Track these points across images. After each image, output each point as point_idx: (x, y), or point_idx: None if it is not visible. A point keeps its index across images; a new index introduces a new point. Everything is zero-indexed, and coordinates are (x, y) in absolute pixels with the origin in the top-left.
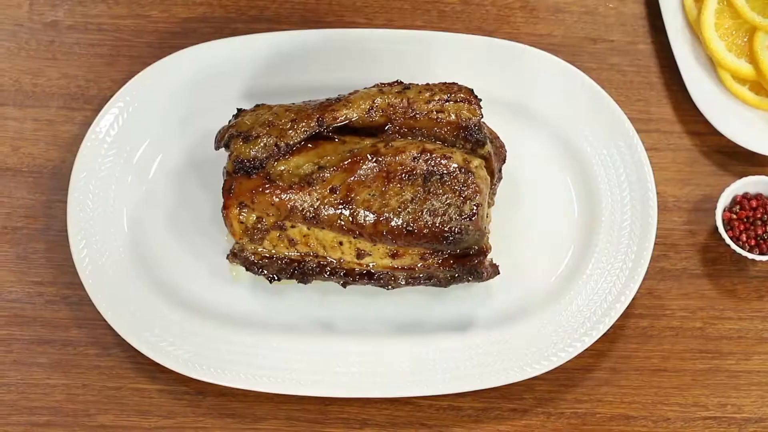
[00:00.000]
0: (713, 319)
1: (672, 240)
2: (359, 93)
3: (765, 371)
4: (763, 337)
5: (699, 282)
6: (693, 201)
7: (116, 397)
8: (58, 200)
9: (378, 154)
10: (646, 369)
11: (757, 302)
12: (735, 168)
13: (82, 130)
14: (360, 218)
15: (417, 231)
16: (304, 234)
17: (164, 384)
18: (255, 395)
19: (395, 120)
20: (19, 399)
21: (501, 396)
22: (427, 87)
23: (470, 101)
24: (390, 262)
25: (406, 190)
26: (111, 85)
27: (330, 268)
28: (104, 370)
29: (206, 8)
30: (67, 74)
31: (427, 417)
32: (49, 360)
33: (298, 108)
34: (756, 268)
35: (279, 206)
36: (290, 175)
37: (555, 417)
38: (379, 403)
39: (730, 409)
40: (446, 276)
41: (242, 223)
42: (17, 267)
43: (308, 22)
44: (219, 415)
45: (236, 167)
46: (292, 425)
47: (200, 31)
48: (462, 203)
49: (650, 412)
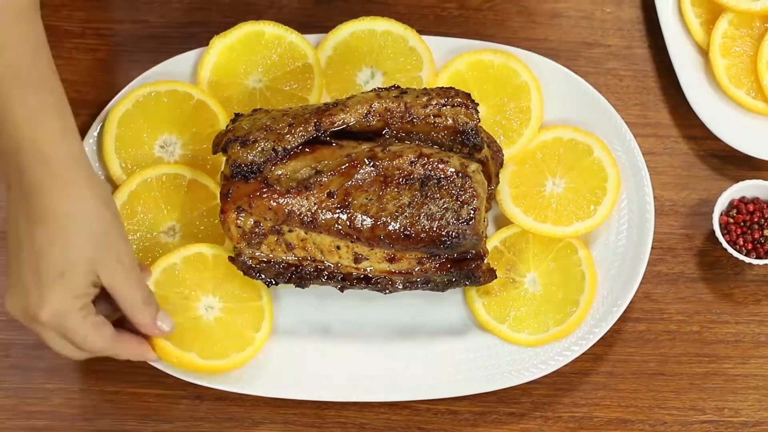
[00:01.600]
0: (710, 323)
1: (669, 244)
2: (356, 97)
3: (762, 375)
4: (760, 341)
5: (696, 286)
6: (690, 205)
7: (114, 401)
8: None
9: (375, 158)
10: (643, 373)
11: (754, 306)
12: (732, 172)
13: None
14: (357, 222)
15: (414, 235)
16: (302, 238)
17: (162, 388)
18: (252, 399)
19: (392, 124)
20: (17, 403)
21: (498, 400)
22: (425, 91)
23: (467, 105)
24: (387, 266)
25: (403, 194)
26: (109, 91)
27: (327, 273)
28: (102, 374)
29: (204, 13)
30: (65, 79)
31: (425, 421)
32: (47, 364)
33: (296, 112)
34: (753, 271)
35: (276, 210)
36: (288, 179)
37: (552, 421)
38: (377, 407)
39: (728, 413)
40: (443, 280)
41: (240, 227)
42: None
43: (306, 27)
44: (216, 419)
45: (234, 172)
46: (289, 430)
47: (198, 36)
48: (459, 207)
49: (647, 416)
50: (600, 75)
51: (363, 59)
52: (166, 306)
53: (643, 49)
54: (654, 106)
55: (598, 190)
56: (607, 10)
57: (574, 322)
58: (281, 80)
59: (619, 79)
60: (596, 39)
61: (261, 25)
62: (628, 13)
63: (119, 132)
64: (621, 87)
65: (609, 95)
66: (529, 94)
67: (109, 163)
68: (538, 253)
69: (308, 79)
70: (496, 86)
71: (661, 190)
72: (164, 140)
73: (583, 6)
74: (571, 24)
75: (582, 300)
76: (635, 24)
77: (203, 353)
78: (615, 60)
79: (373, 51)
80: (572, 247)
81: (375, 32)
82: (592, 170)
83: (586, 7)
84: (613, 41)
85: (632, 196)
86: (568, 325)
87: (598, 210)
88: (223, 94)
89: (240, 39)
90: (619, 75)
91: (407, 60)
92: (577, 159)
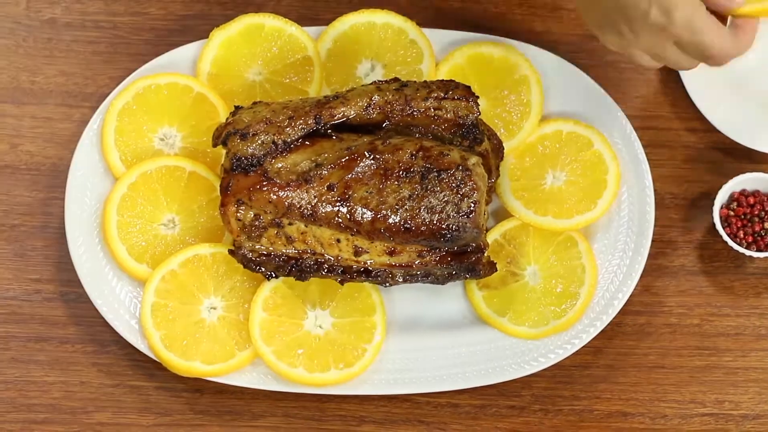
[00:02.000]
0: (710, 316)
1: (669, 237)
2: (357, 90)
3: (762, 368)
4: (761, 334)
5: (696, 279)
6: (690, 198)
7: (114, 394)
8: (56, 197)
9: (375, 151)
10: (643, 366)
11: (754, 299)
12: (732, 165)
13: (80, 127)
14: (357, 215)
15: (415, 228)
16: (302, 231)
17: (162, 381)
18: (252, 392)
19: (393, 117)
20: (17, 396)
21: (499, 393)
22: (425, 84)
23: (467, 98)
24: (387, 259)
25: (403, 187)
26: (109, 83)
27: (328, 266)
28: (102, 367)
29: (204, 5)
30: (64, 72)
31: (425, 414)
32: (46, 357)
33: (296, 105)
34: (753, 264)
35: (276, 203)
36: (288, 172)
37: (553, 414)
38: (377, 400)
39: (728, 406)
40: (444, 273)
41: (240, 220)
42: (15, 264)
43: (305, 20)
44: (217, 412)
45: (233, 165)
46: (289, 422)
47: (198, 29)
48: (460, 200)
49: (648, 409)
50: (600, 68)
51: (363, 52)
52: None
53: None
54: (654, 99)
55: (598, 183)
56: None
57: (575, 315)
58: (281, 73)
59: (620, 71)
60: None
61: (261, 18)
62: None
63: (119, 124)
64: (621, 80)
65: (609, 88)
66: (529, 87)
67: (108, 155)
68: (538, 246)
69: (308, 71)
70: (497, 79)
71: (661, 182)
72: (164, 133)
73: None
74: (572, 16)
75: (582, 293)
76: None
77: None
78: (615, 53)
79: (373, 43)
80: (572, 240)
81: (375, 24)
82: (593, 163)
83: None
84: None
85: (632, 189)
86: (569, 318)
87: (598, 203)
88: (223, 86)
89: (240, 31)
90: (619, 67)
91: (407, 52)
92: (577, 152)
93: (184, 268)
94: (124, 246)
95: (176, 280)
